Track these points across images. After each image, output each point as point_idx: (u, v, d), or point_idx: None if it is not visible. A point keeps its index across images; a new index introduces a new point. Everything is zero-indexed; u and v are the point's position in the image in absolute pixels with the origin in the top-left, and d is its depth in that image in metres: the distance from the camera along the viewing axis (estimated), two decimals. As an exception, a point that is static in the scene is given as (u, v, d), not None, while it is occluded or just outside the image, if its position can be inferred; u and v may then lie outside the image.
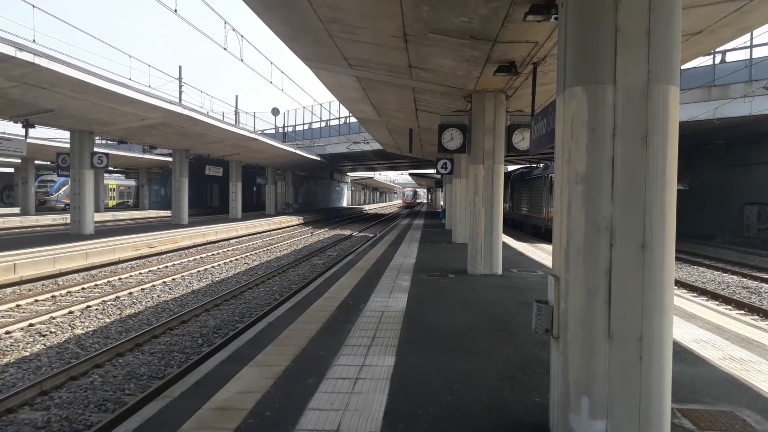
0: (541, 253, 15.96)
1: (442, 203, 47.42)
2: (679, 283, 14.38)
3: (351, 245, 23.90)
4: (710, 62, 21.63)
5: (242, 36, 16.17)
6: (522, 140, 10.49)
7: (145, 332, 8.42)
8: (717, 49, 20.37)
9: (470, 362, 5.39)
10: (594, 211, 3.37)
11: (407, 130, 18.80)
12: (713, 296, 12.84)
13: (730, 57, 22.05)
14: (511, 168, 37.90)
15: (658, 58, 3.27)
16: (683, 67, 17.73)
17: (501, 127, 11.04)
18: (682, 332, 6.70)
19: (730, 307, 11.66)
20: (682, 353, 5.73)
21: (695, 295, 13.08)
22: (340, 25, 7.80)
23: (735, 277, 16.18)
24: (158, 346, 8.11)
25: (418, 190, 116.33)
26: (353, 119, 33.33)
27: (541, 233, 25.02)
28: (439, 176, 42.07)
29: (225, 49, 15.46)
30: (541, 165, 26.98)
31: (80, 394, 6.18)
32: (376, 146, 34.19)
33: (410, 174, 71.82)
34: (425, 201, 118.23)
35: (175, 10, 12.64)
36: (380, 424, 3.91)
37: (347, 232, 30.95)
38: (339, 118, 40.83)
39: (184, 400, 4.34)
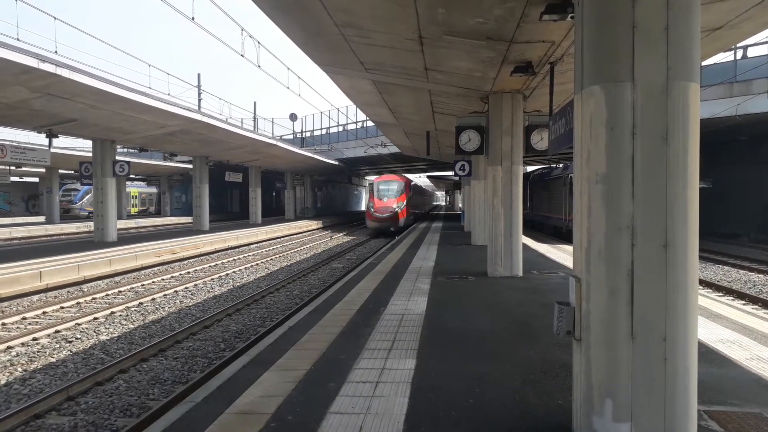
0: (562, 254, 15.81)
1: (460, 205, 47.26)
2: (704, 283, 14.15)
3: (370, 249, 23.93)
4: (731, 58, 21.27)
5: (259, 42, 16.31)
6: (540, 140, 10.41)
7: (168, 337, 8.52)
8: (738, 45, 20.06)
9: (491, 365, 5.36)
10: (615, 211, 3.34)
11: (424, 132, 18.78)
12: (739, 296, 12.61)
13: (752, 52, 21.68)
14: (530, 169, 37.66)
15: (677, 54, 3.23)
16: (703, 63, 17.45)
17: (519, 127, 10.98)
18: (708, 333, 6.59)
19: (756, 306, 11.44)
20: (707, 354, 5.63)
21: (720, 294, 12.85)
22: (355, 29, 7.83)
23: (761, 276, 15.86)
24: (181, 351, 8.19)
25: (435, 192, 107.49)
26: (370, 123, 33.38)
27: (561, 234, 24.81)
28: (457, 178, 41.97)
29: (242, 55, 15.61)
30: (561, 165, 26.76)
31: (106, 399, 6.27)
32: (394, 149, 34.19)
33: (428, 176, 71.54)
34: (443, 203, 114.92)
35: (192, 18, 12.80)
36: (402, 428, 3.90)
37: (366, 236, 30.99)
38: (356, 123, 40.94)
39: (207, 405, 4.38)
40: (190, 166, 33.07)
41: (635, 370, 3.28)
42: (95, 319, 10.00)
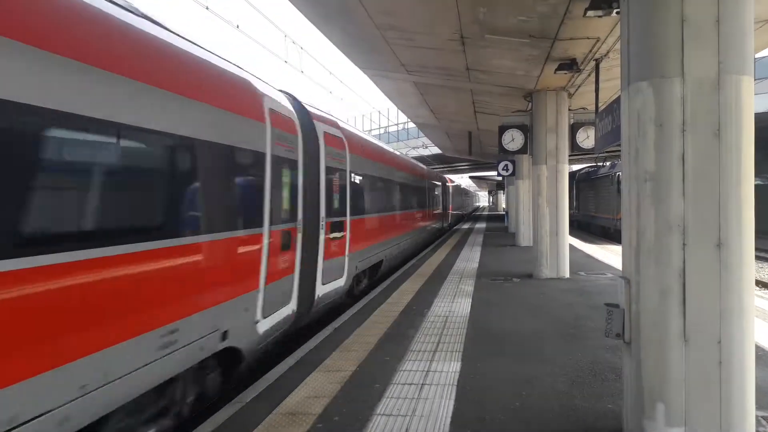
0: (610, 255, 15.44)
1: (504, 206, 46.71)
2: (761, 284, 13.58)
3: (413, 250, 23.86)
4: (789, 48, 20.37)
5: (302, 47, 16.53)
6: (587, 138, 10.24)
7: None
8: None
9: (538, 368, 5.28)
10: (665, 210, 3.25)
11: (466, 132, 18.69)
12: (800, 296, 12.05)
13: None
14: (576, 167, 36.94)
15: (728, 47, 3.12)
16: (757, 55, 16.78)
17: (564, 125, 10.80)
18: (765, 335, 6.33)
19: (820, 307, 10.90)
20: (765, 357, 5.41)
21: (780, 295, 12.31)
22: (397, 31, 7.86)
23: (825, 275, 15.13)
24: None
25: (478, 192, 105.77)
26: (411, 125, 33.39)
27: (609, 234, 24.23)
28: (500, 178, 41.53)
29: (285, 62, 15.84)
30: (608, 163, 26.16)
31: (158, 398, 6.44)
32: (435, 150, 34.12)
33: (470, 177, 70.94)
34: (486, 204, 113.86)
35: (237, 26, 13.09)
36: (448, 431, 3.89)
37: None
38: (397, 124, 41.03)
39: (255, 405, 4.46)
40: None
41: (688, 374, 3.18)
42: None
